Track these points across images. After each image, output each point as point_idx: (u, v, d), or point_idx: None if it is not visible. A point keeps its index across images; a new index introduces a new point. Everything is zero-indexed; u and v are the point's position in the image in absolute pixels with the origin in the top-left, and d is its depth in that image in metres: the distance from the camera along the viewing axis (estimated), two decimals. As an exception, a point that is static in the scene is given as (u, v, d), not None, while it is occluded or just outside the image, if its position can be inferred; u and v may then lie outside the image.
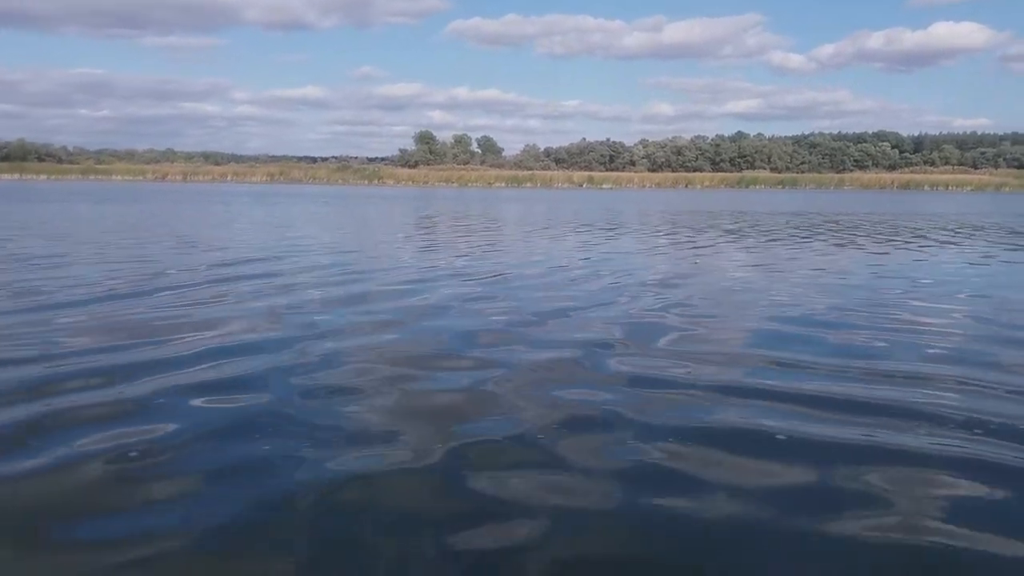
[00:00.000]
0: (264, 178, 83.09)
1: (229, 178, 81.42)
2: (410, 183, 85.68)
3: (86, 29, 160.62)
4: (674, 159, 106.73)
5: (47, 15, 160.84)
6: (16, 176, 72.47)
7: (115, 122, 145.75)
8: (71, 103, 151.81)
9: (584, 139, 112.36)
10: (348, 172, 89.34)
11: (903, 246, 11.87)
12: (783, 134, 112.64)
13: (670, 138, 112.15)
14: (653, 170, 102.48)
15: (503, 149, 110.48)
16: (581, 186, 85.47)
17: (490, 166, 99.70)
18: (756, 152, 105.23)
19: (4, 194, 33.41)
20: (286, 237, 11.99)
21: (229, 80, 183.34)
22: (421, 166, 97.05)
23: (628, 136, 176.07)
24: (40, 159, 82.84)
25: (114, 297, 6.00)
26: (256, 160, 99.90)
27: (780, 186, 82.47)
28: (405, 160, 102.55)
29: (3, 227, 13.50)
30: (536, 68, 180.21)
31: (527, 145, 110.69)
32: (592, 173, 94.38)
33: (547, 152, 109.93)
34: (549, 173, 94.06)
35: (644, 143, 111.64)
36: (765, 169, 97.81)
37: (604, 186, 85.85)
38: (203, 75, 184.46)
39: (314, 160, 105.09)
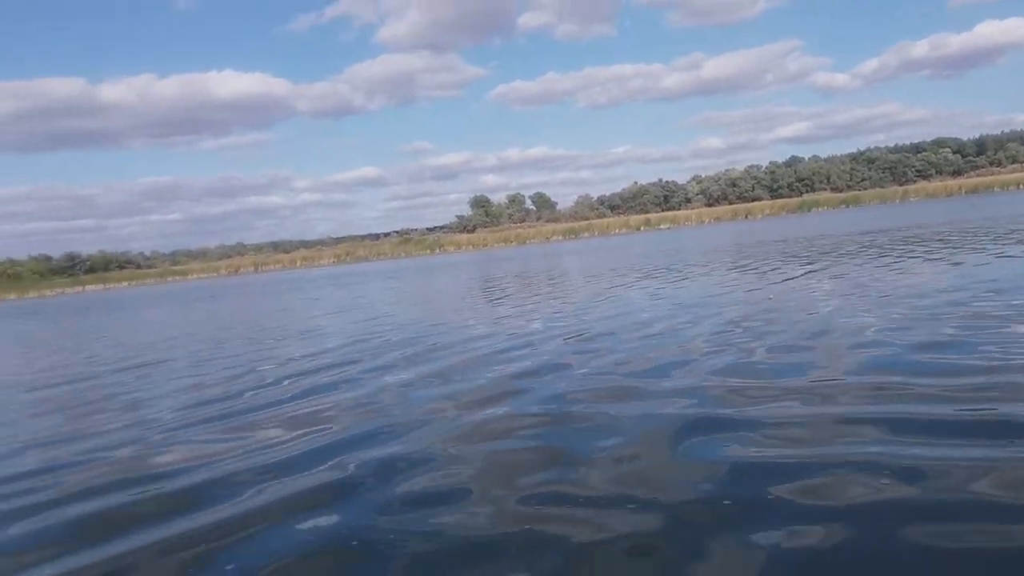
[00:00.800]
0: (332, 260, 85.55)
1: (298, 264, 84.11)
2: (470, 248, 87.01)
3: (149, 140, 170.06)
4: (730, 191, 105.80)
5: (114, 131, 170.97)
6: (101, 286, 76.39)
7: (185, 223, 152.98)
8: (142, 210, 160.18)
9: (636, 183, 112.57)
10: (410, 244, 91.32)
11: (1008, 254, 11.16)
12: (838, 153, 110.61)
13: (723, 171, 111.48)
14: (710, 204, 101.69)
15: (557, 203, 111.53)
16: (639, 229, 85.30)
17: (546, 221, 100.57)
18: (814, 174, 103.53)
19: (97, 305, 35.17)
20: (372, 317, 12.30)
21: (288, 171, 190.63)
22: (479, 229, 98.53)
23: (680, 174, 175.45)
24: (120, 267, 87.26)
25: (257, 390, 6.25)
26: (322, 243, 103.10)
27: (843, 206, 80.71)
28: (463, 226, 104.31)
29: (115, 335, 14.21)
30: (581, 120, 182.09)
31: (580, 196, 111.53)
32: (648, 215, 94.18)
33: (601, 200, 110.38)
34: (605, 220, 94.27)
35: (697, 179, 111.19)
36: (825, 190, 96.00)
37: (662, 227, 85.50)
38: (263, 168, 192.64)
39: (377, 236, 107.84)
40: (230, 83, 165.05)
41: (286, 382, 6.49)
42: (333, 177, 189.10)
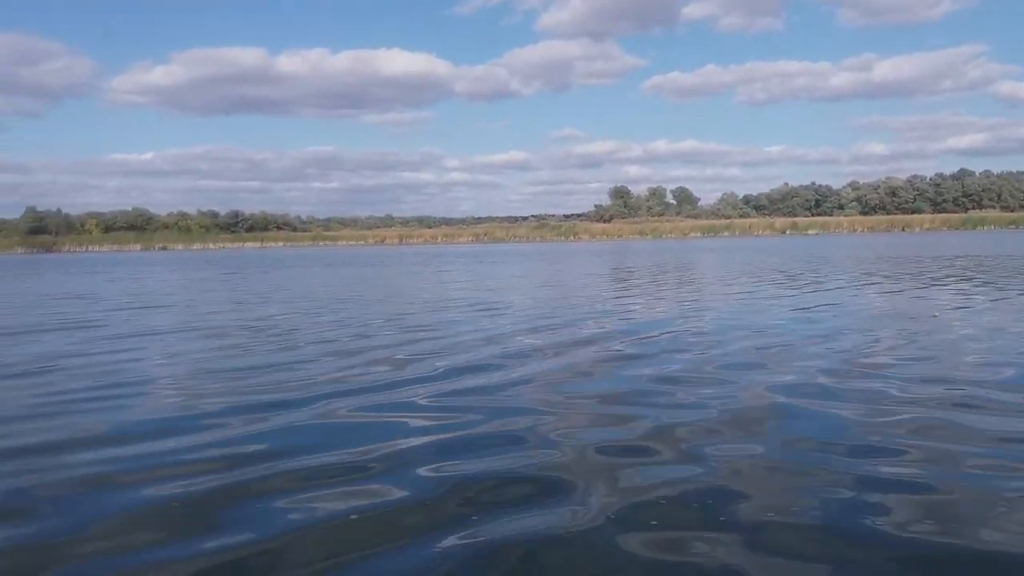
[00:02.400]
0: (470, 238, 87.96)
1: (439, 240, 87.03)
2: (604, 237, 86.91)
3: (318, 110, 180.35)
4: (888, 201, 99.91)
5: (287, 100, 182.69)
6: (258, 244, 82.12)
7: (342, 192, 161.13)
8: (304, 177, 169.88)
9: (787, 184, 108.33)
10: (545, 230, 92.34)
11: None
12: (1015, 169, 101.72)
13: (883, 179, 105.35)
14: (865, 213, 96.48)
15: (699, 199, 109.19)
16: (784, 233, 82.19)
17: (686, 216, 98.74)
18: (983, 190, 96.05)
19: (268, 260, 37.94)
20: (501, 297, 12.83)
21: (441, 150, 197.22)
22: (616, 220, 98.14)
23: (836, 179, 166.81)
24: (278, 228, 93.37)
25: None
26: (463, 222, 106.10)
27: (1012, 226, 74.43)
28: (600, 215, 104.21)
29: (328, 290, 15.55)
30: (736, 116, 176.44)
31: (725, 194, 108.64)
32: (796, 219, 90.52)
33: (746, 199, 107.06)
34: (748, 221, 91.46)
35: (854, 185, 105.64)
36: (994, 208, 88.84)
37: (809, 232, 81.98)
38: (417, 146, 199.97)
39: (515, 220, 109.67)
40: (397, 61, 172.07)
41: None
42: (482, 158, 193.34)
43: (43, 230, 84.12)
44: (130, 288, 17.92)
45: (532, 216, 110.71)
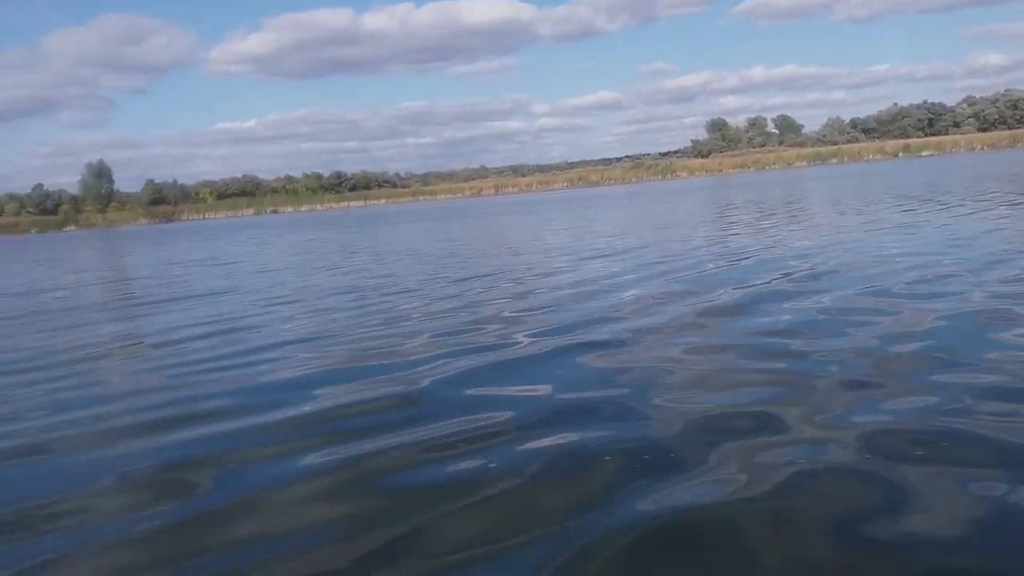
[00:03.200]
0: (565, 184, 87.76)
1: (534, 187, 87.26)
2: (703, 173, 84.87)
3: (407, 66, 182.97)
4: (1009, 115, 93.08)
5: (376, 58, 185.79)
6: (362, 202, 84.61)
7: (436, 147, 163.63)
8: (399, 134, 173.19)
9: (896, 104, 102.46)
10: (641, 169, 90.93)
11: None
12: None
13: (1002, 92, 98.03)
14: (983, 129, 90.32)
15: (803, 126, 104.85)
16: (896, 156, 78.18)
17: (789, 146, 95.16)
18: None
19: (381, 217, 39.39)
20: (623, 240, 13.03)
21: (530, 96, 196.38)
22: (714, 154, 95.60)
23: (949, 95, 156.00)
24: (379, 186, 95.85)
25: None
26: (556, 168, 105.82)
27: None
28: (697, 150, 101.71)
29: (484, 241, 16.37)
30: (836, 36, 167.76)
31: (830, 118, 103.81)
32: (908, 141, 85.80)
33: (853, 123, 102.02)
34: (856, 146, 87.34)
35: (970, 100, 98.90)
36: None
37: (923, 154, 77.66)
38: (506, 93, 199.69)
39: (608, 161, 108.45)
40: (479, 9, 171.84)
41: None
42: (570, 101, 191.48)
43: (162, 200, 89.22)
44: (288, 250, 19.17)
45: (626, 157, 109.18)
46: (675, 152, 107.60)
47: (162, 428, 3.45)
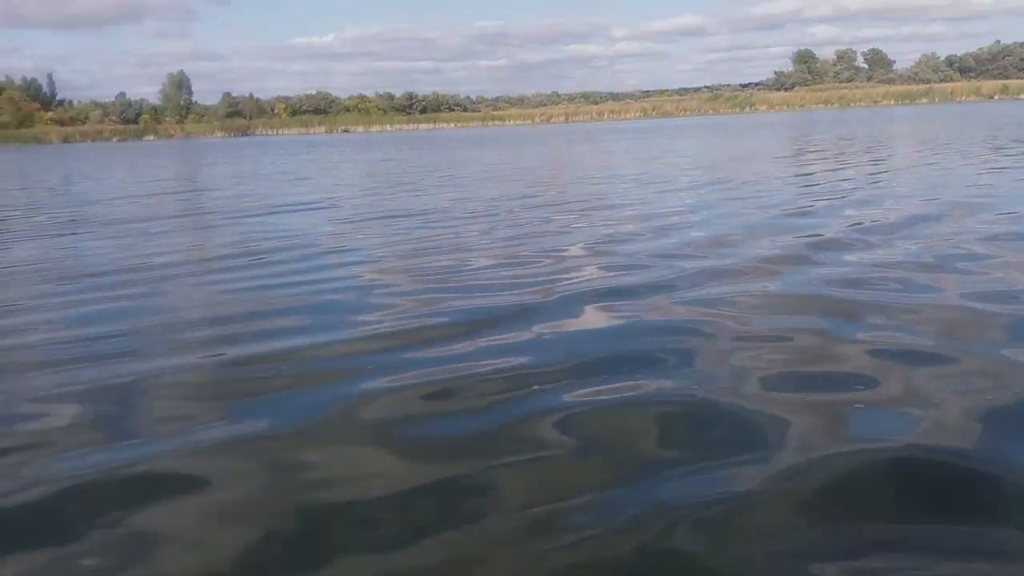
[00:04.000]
0: (637, 114, 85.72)
1: (606, 116, 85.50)
2: (784, 108, 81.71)
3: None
4: None
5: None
6: (430, 125, 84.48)
7: (509, 70, 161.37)
8: (473, 55, 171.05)
9: (998, 42, 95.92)
10: (718, 101, 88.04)
11: None
12: None
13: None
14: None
15: (894, 62, 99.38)
16: (991, 98, 73.71)
17: (878, 82, 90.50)
18: None
19: (467, 140, 39.43)
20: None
21: (609, 17, 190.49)
22: (798, 88, 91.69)
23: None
24: (450, 109, 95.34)
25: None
26: (631, 97, 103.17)
27: None
28: (780, 83, 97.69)
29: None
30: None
31: (924, 55, 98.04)
32: (1007, 82, 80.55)
33: (949, 61, 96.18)
34: (949, 86, 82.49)
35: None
36: None
37: (1022, 96, 72.93)
38: (585, 15, 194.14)
39: (686, 92, 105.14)
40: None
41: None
42: (651, 25, 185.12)
43: (238, 114, 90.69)
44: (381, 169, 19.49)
45: (705, 87, 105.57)
46: (756, 84, 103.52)
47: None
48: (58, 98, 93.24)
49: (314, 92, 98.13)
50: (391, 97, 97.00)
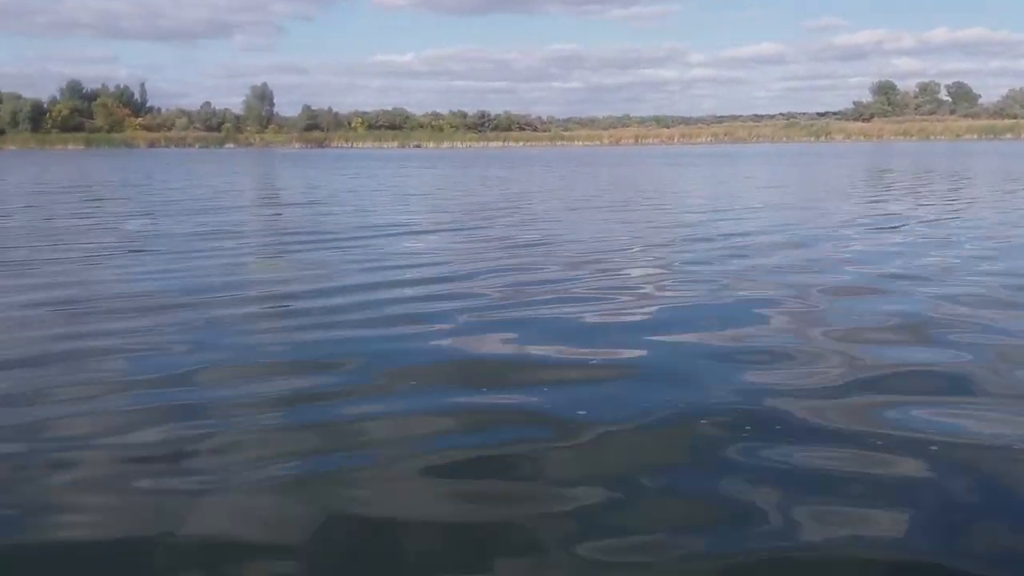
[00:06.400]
0: (710, 138, 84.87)
1: (676, 140, 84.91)
2: (861, 137, 79.74)
3: (564, 7, 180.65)
4: None
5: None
6: (500, 144, 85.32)
7: (583, 92, 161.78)
8: (547, 76, 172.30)
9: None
10: (794, 129, 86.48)
11: None
12: None
13: None
14: None
15: (979, 96, 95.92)
16: (1084, 135, 70.45)
17: (961, 116, 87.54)
18: None
19: (540, 159, 39.92)
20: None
21: (686, 44, 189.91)
22: (876, 119, 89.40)
23: None
24: (521, 128, 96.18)
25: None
26: (703, 121, 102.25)
27: None
28: (859, 113, 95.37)
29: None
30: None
31: (1011, 90, 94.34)
32: (1102, 119, 76.89)
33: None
34: (1038, 121, 79.16)
35: None
36: None
37: (1119, 135, 69.53)
38: (662, 41, 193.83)
39: (760, 118, 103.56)
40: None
41: None
42: (729, 52, 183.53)
43: (316, 127, 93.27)
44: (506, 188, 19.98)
45: (780, 114, 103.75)
46: (834, 113, 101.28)
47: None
48: (148, 105, 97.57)
49: (391, 108, 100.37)
50: (464, 115, 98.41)
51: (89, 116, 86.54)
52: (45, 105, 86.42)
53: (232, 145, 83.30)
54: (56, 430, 2.84)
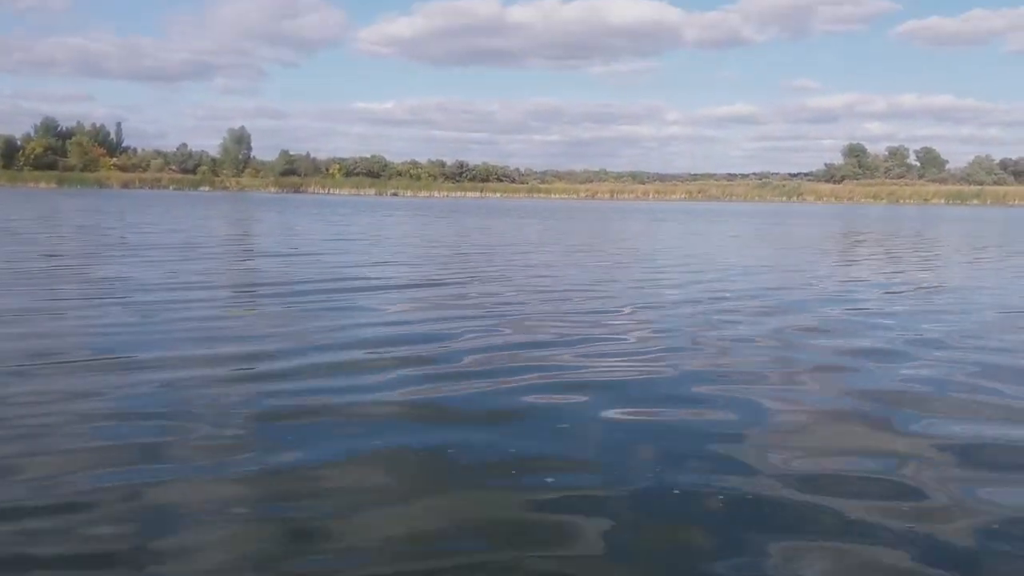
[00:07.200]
0: (684, 195, 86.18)
1: (651, 196, 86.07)
2: (832, 199, 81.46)
3: (545, 61, 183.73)
4: None
5: (517, 51, 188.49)
6: (477, 194, 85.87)
7: (561, 145, 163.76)
8: (527, 129, 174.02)
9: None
10: (766, 189, 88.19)
11: None
12: None
13: None
14: None
15: (947, 162, 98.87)
16: (1046, 203, 72.54)
17: (929, 180, 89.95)
18: None
19: (520, 209, 39.94)
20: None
21: (663, 102, 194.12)
22: (847, 181, 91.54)
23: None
24: (498, 179, 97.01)
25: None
26: (678, 178, 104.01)
27: None
28: (830, 175, 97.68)
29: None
30: (1004, 68, 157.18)
31: (978, 156, 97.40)
32: (1062, 188, 79.34)
33: (1004, 164, 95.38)
34: (1002, 188, 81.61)
35: None
36: None
37: (1080, 204, 71.67)
38: (639, 98, 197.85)
39: (734, 177, 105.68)
40: (627, 9, 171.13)
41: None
42: (704, 111, 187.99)
43: (293, 172, 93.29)
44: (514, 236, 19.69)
45: (753, 174, 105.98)
46: (806, 174, 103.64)
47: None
48: (124, 145, 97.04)
49: (369, 156, 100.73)
50: (443, 164, 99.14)
51: (63, 154, 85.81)
52: (19, 142, 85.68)
53: (207, 188, 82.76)
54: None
